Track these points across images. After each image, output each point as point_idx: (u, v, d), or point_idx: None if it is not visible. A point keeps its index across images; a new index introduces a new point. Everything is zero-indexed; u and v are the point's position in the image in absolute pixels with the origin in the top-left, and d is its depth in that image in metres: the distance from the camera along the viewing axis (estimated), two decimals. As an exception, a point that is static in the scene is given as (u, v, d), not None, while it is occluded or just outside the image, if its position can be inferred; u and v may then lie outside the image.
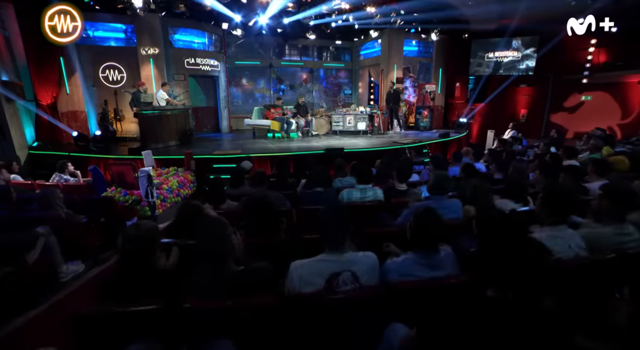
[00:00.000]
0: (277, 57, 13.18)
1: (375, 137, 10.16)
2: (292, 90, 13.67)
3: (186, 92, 9.89)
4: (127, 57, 9.35)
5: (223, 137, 10.80)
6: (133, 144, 8.47)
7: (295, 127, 10.18)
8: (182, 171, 6.63)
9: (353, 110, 10.93)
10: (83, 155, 7.50)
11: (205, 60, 10.61)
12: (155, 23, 9.19)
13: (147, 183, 4.97)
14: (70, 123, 8.94)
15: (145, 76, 9.33)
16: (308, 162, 5.60)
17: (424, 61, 12.49)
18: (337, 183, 4.53)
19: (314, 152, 7.72)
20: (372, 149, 8.19)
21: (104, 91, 9.28)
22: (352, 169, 4.68)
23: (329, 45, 13.64)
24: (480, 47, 11.93)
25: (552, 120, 11.76)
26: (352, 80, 14.47)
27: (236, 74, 12.71)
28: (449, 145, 10.07)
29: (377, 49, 12.72)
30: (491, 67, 11.97)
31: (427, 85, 12.05)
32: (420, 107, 11.99)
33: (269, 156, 7.40)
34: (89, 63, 9.06)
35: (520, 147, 7.76)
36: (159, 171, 6.48)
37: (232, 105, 12.70)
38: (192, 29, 10.30)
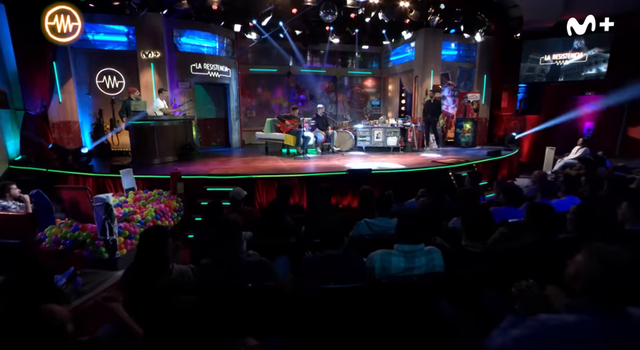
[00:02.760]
0: (296, 63, 12.12)
1: (408, 155, 8.69)
2: (313, 101, 12.50)
3: (191, 101, 8.90)
4: (127, 62, 8.52)
5: (232, 152, 9.68)
6: (129, 159, 7.49)
7: (313, 142, 8.90)
8: (167, 195, 5.44)
9: (382, 123, 9.55)
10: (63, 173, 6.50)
11: (214, 65, 9.65)
12: (157, 24, 8.33)
13: (104, 214, 3.76)
14: (61, 134, 8.13)
15: (145, 83, 8.43)
16: (321, 192, 4.20)
17: (465, 66, 10.97)
18: (362, 228, 3.12)
19: (334, 173, 6.36)
20: (407, 170, 6.73)
21: (100, 99, 8.44)
22: (381, 203, 3.26)
23: (354, 51, 12.45)
24: (534, 49, 10.28)
25: (630, 135, 9.76)
26: (380, 89, 13.14)
27: (250, 82, 11.72)
28: (500, 165, 8.41)
29: (409, 54, 11.40)
30: (547, 72, 10.25)
31: (469, 94, 10.50)
32: (460, 120, 10.41)
33: (276, 178, 6.10)
34: (84, 68, 8.27)
35: (605, 169, 6.03)
36: (138, 195, 5.31)
37: (245, 117, 11.69)
38: (200, 31, 9.39)
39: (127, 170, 5.49)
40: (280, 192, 4.08)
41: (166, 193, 5.55)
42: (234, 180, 5.95)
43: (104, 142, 8.28)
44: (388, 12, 8.65)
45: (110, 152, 8.41)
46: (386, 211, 3.21)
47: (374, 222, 3.12)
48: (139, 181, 6.00)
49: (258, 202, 6.00)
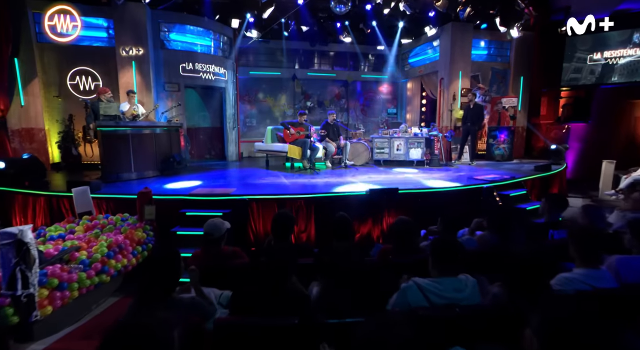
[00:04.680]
0: (303, 66, 11.14)
1: (436, 171, 7.50)
2: (322, 109, 11.46)
3: (179, 107, 7.86)
4: (106, 61, 7.55)
5: (227, 166, 8.57)
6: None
7: (322, 155, 7.77)
8: (133, 222, 4.29)
9: (403, 132, 8.39)
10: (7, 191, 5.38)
11: (208, 66, 8.65)
12: (140, 16, 7.39)
13: (14, 258, 2.62)
14: (23, 144, 7.10)
15: (126, 84, 7.43)
16: (338, 226, 2.97)
17: (498, 68, 9.85)
18: (413, 295, 1.92)
19: (351, 193, 5.17)
20: (441, 190, 5.51)
21: (72, 104, 7.44)
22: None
23: (368, 52, 11.47)
24: (581, 46, 9.13)
25: None
26: (397, 95, 12.06)
27: (250, 87, 10.74)
28: (552, 183, 7.16)
29: (430, 56, 10.37)
30: (597, 73, 9.07)
31: (504, 99, 9.34)
32: (494, 129, 9.22)
33: (277, 199, 4.93)
34: (54, 67, 7.31)
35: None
36: (95, 222, 4.16)
37: (244, 127, 10.67)
38: (193, 27, 8.44)
39: (82, 189, 4.37)
40: (278, 227, 2.87)
41: (132, 219, 4.40)
42: (222, 202, 4.79)
43: (74, 154, 7.24)
44: (411, 2, 7.64)
45: (80, 165, 7.34)
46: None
47: (432, 287, 1.90)
48: (103, 203, 4.89)
49: (253, 232, 4.81)
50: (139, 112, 6.66)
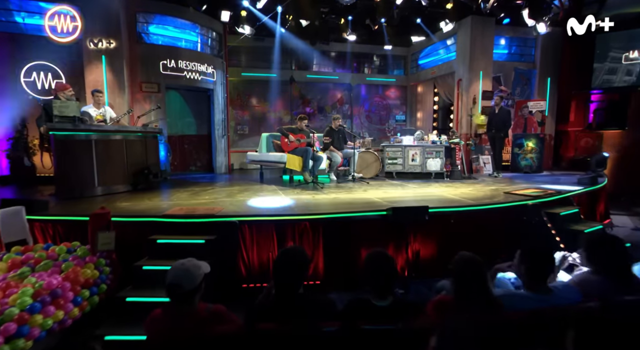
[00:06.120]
0: (302, 67, 10.33)
1: (459, 183, 6.63)
2: (322, 115, 10.62)
3: (158, 109, 6.92)
4: (70, 55, 6.65)
5: (214, 179, 7.60)
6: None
7: (326, 166, 6.87)
8: (81, 255, 3.28)
9: (419, 140, 7.54)
10: None
11: (193, 64, 7.78)
12: (111, 3, 6.54)
13: None
14: (-35, 154, 6.11)
15: (93, 82, 6.52)
16: (377, 272, 1.98)
17: (521, 68, 9.11)
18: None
19: (369, 213, 4.24)
20: (475, 208, 4.59)
21: (25, 104, 6.48)
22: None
23: (374, 52, 10.72)
24: (614, 44, 8.45)
25: None
26: (406, 100, 11.27)
27: (242, 90, 9.88)
28: (598, 198, 6.31)
29: (443, 56, 9.66)
30: (635, 73, 8.36)
31: (530, 102, 8.57)
32: (519, 136, 8.40)
33: (275, 221, 3.97)
34: (4, 61, 6.37)
35: None
36: (26, 255, 3.15)
37: (235, 134, 9.77)
38: (176, 19, 7.60)
39: (13, 210, 3.36)
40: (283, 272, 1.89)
41: (82, 250, 3.40)
42: (204, 224, 3.81)
43: (27, 166, 6.24)
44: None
45: (34, 179, 6.33)
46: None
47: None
48: (49, 227, 3.89)
49: (245, 264, 3.83)
50: (106, 116, 5.70)
